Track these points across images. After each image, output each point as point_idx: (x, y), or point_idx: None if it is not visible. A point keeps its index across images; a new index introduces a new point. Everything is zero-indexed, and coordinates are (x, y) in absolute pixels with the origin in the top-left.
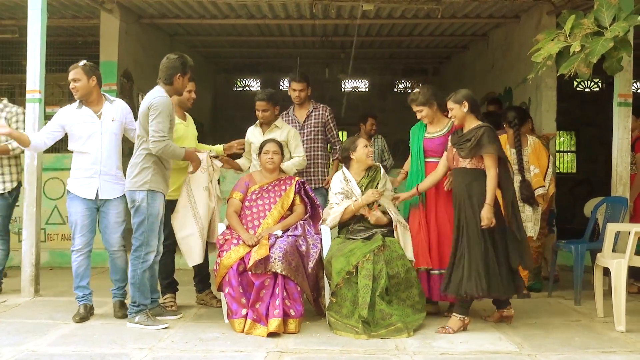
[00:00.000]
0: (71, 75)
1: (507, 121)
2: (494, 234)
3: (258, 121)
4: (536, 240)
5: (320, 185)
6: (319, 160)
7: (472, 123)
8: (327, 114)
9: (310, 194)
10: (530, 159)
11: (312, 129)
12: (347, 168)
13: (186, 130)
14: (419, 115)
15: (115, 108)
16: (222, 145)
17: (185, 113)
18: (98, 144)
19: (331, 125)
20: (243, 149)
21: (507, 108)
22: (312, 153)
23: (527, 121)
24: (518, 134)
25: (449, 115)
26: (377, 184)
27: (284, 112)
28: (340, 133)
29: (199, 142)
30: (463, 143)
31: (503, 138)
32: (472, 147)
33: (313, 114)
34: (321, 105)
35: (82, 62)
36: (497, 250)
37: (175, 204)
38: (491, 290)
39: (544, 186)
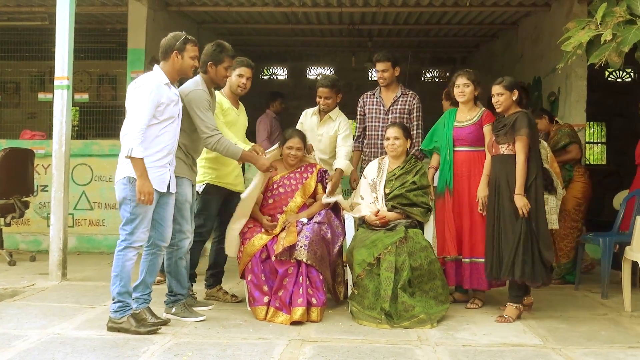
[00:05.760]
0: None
1: None
2: (530, 220)
3: (317, 107)
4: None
5: None
6: None
7: (513, 111)
8: (414, 102)
9: None
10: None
11: (397, 115)
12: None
13: (237, 118)
14: (459, 90)
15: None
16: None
17: (239, 102)
18: (176, 130)
19: (415, 114)
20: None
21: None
22: None
23: None
24: None
25: (496, 100)
26: (411, 177)
27: (370, 92)
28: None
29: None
30: (501, 129)
31: None
32: (506, 131)
33: (400, 99)
34: (410, 92)
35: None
36: (531, 237)
37: (234, 195)
38: (524, 276)
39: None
